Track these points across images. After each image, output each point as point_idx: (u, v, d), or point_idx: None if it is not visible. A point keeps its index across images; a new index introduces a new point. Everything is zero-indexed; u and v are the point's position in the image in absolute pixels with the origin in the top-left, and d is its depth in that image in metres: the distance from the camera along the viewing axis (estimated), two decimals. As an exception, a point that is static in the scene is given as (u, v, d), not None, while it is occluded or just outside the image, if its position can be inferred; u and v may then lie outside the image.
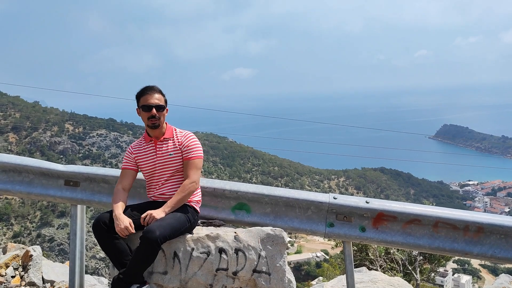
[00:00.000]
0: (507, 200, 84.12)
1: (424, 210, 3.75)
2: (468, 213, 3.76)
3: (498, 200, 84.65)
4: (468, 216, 3.71)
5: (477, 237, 3.70)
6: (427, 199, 69.52)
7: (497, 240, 3.69)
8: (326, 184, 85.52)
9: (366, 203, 3.76)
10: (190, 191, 3.33)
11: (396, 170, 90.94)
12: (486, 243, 3.70)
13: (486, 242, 3.70)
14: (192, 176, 3.37)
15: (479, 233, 3.69)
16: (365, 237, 3.78)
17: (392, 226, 3.77)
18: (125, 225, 3.06)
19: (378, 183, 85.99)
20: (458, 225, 3.69)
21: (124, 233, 3.06)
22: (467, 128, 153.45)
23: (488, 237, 3.70)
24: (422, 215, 3.72)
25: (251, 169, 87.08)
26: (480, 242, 3.70)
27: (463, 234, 3.71)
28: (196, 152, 3.45)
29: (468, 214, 3.74)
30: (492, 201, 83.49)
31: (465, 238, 3.71)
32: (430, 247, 3.76)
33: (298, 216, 3.86)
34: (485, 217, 3.72)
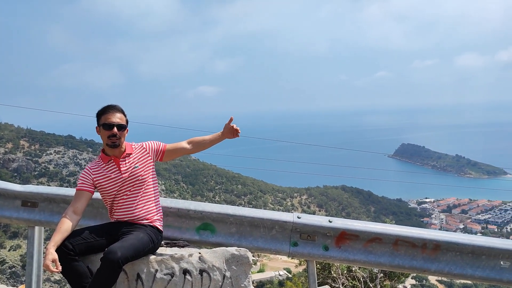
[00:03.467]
0: (461, 217, 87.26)
1: (384, 228, 3.86)
2: (425, 231, 3.89)
3: (453, 217, 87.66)
4: (426, 234, 3.84)
5: (434, 254, 3.82)
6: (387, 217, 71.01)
7: (453, 257, 3.83)
8: (289, 202, 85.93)
9: (329, 222, 3.83)
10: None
11: (357, 188, 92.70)
12: (443, 260, 3.83)
13: (443, 259, 3.83)
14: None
15: (436, 251, 3.82)
16: (328, 256, 3.84)
17: (354, 244, 3.85)
18: (45, 263, 2.86)
19: (340, 201, 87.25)
20: (416, 243, 3.81)
21: (47, 269, 2.88)
22: (424, 147, 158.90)
23: (445, 254, 3.83)
24: (383, 234, 3.82)
25: (214, 187, 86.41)
26: (437, 259, 3.83)
27: (421, 252, 3.82)
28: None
29: (426, 232, 3.88)
30: (448, 218, 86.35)
31: (423, 255, 3.83)
32: (391, 265, 3.86)
33: (262, 236, 3.87)
34: (442, 234, 3.86)
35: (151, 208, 3.40)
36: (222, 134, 3.66)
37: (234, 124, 3.63)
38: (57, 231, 3.05)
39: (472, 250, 3.79)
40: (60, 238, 3.02)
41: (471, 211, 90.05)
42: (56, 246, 2.98)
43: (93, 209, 3.98)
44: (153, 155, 3.52)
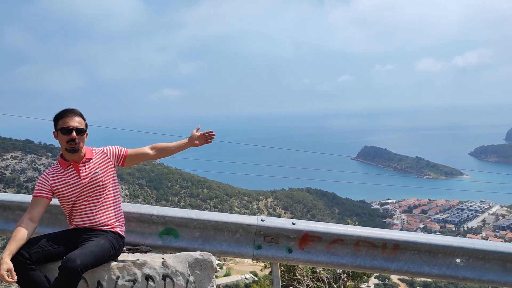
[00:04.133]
0: (421, 217, 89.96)
1: (346, 230, 3.94)
2: (385, 232, 4.00)
3: (414, 217, 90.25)
4: (386, 234, 3.95)
5: (394, 253, 3.94)
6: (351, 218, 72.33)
7: (412, 256, 3.96)
8: (255, 205, 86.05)
9: (292, 225, 3.88)
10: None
11: (322, 190, 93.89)
12: (402, 259, 3.95)
13: (402, 258, 3.95)
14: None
15: (395, 250, 3.93)
16: (292, 258, 3.89)
17: (317, 246, 3.91)
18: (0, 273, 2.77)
19: (305, 203, 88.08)
20: (377, 243, 3.91)
21: (2, 279, 2.79)
22: (386, 150, 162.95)
23: (404, 254, 3.95)
24: (345, 235, 3.90)
25: (179, 191, 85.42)
26: (397, 259, 3.94)
27: (382, 252, 3.93)
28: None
29: (386, 232, 3.99)
30: (409, 218, 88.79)
31: (383, 255, 3.93)
32: (352, 265, 3.95)
33: (227, 240, 3.88)
34: (401, 234, 3.98)
35: (112, 214, 3.34)
36: (188, 141, 3.64)
37: (208, 130, 3.64)
38: (12, 240, 2.94)
39: (429, 249, 3.92)
40: (16, 246, 2.92)
41: (430, 211, 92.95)
42: (11, 255, 2.87)
43: (51, 216, 3.87)
44: (114, 160, 3.46)
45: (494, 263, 3.99)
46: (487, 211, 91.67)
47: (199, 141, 3.62)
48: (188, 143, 3.62)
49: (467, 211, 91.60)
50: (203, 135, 3.62)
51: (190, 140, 3.63)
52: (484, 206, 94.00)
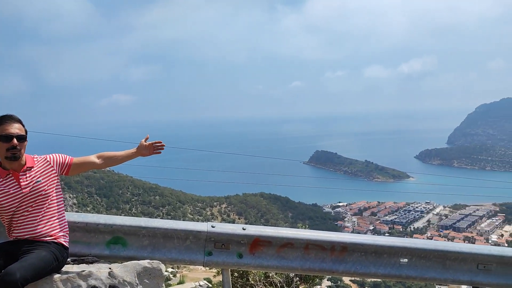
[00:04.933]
0: (371, 219, 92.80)
1: (296, 233, 4.01)
2: (334, 234, 4.11)
3: (364, 219, 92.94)
4: (334, 237, 4.05)
5: (342, 255, 4.04)
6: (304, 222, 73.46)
7: (359, 257, 4.08)
8: (209, 212, 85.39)
9: (243, 230, 3.90)
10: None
11: (275, 194, 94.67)
12: (350, 260, 4.06)
13: (350, 259, 4.06)
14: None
15: (343, 252, 4.04)
16: (243, 263, 3.90)
17: (268, 250, 3.95)
18: None
19: (259, 208, 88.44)
20: (325, 246, 4.01)
21: None
22: (336, 154, 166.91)
23: (351, 255, 4.07)
24: (294, 239, 3.96)
25: (131, 199, 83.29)
26: (345, 260, 4.05)
27: (330, 254, 4.03)
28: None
29: (334, 235, 4.10)
30: (359, 220, 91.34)
31: (332, 257, 4.03)
32: (302, 268, 4.02)
33: (176, 247, 3.83)
34: (348, 237, 4.10)
35: (55, 224, 3.22)
36: (136, 151, 3.58)
37: (157, 140, 3.59)
38: None
39: (375, 249, 4.06)
40: None
41: (379, 213, 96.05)
42: None
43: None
44: (57, 169, 3.33)
45: (434, 261, 4.19)
46: (431, 211, 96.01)
47: (147, 151, 3.56)
48: (136, 153, 3.56)
49: (413, 212, 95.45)
50: (151, 145, 3.56)
51: (138, 150, 3.57)
52: (429, 207, 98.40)
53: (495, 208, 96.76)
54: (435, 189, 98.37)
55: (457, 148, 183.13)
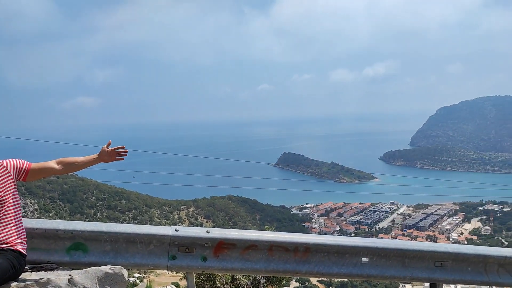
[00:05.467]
0: (337, 219, 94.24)
1: (259, 236, 4.05)
2: (297, 236, 4.17)
3: (331, 220, 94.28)
4: (297, 238, 4.11)
5: (305, 256, 4.11)
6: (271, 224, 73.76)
7: (321, 258, 4.16)
8: (176, 215, 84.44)
9: (207, 233, 3.90)
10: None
11: (243, 197, 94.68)
12: (313, 261, 4.13)
13: (313, 260, 4.13)
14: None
15: (306, 253, 4.11)
16: (207, 266, 3.90)
17: (232, 253, 3.96)
18: None
19: (227, 211, 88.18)
20: (289, 247, 4.06)
21: None
22: (303, 156, 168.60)
23: (314, 256, 4.14)
24: (258, 241, 4.00)
25: (96, 204, 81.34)
26: (308, 261, 4.12)
27: (294, 255, 4.08)
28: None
29: (297, 236, 4.16)
30: (326, 221, 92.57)
31: (295, 258, 4.09)
32: (266, 270, 4.06)
33: (140, 252, 3.80)
34: (311, 238, 4.17)
35: (13, 231, 3.12)
36: (98, 157, 3.51)
37: (120, 146, 3.54)
38: None
39: (337, 250, 4.15)
40: None
41: (346, 213, 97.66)
42: None
43: None
44: (14, 175, 3.24)
45: (394, 259, 4.32)
46: (395, 211, 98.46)
47: (109, 157, 3.50)
48: (98, 159, 3.50)
49: (378, 213, 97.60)
50: (114, 150, 3.51)
51: (99, 156, 3.50)
52: (393, 207, 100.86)
53: (455, 207, 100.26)
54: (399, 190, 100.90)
55: (420, 150, 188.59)
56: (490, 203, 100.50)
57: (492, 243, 72.44)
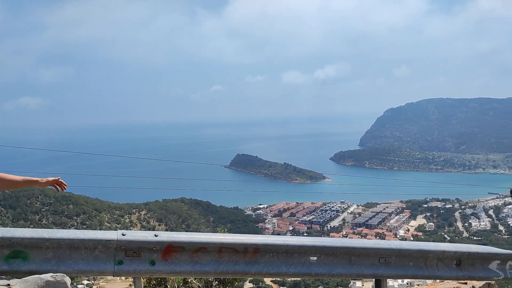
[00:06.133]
0: (290, 219, 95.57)
1: (209, 238, 4.03)
2: (246, 237, 4.19)
3: (284, 220, 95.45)
4: (246, 239, 4.13)
5: (254, 257, 4.13)
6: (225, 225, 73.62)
7: (271, 258, 4.20)
8: (127, 219, 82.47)
9: (155, 237, 3.83)
10: None
11: (196, 199, 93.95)
12: (262, 261, 4.17)
13: (262, 261, 4.17)
14: None
15: (256, 254, 4.13)
16: (155, 270, 3.84)
17: (181, 256, 3.92)
18: None
19: (180, 214, 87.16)
20: (238, 249, 4.07)
21: None
22: (257, 157, 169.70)
23: (264, 256, 4.17)
24: (208, 243, 3.98)
25: (41, 209, 77.91)
26: (257, 262, 4.14)
27: (243, 256, 4.10)
28: None
29: (246, 237, 4.18)
30: (279, 222, 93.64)
31: (245, 259, 4.10)
32: (216, 272, 4.04)
33: (84, 258, 3.67)
34: (260, 238, 4.20)
35: None
36: (37, 180, 3.45)
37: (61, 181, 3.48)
38: None
39: (286, 249, 4.21)
40: None
41: (298, 213, 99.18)
42: None
43: None
44: None
45: (341, 257, 4.44)
46: (346, 210, 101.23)
47: (46, 184, 3.48)
48: (37, 183, 3.44)
49: (329, 212, 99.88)
50: (55, 180, 3.49)
51: (38, 181, 3.45)
52: (344, 206, 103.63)
53: (402, 205, 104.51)
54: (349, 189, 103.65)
55: (368, 150, 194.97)
56: (433, 201, 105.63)
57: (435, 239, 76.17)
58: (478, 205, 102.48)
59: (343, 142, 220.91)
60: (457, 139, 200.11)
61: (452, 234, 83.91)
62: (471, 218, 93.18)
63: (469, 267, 4.93)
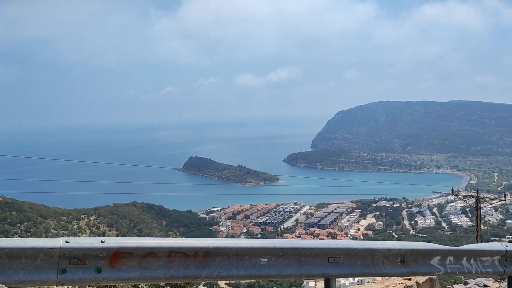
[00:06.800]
0: (244, 221, 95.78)
1: (158, 242, 3.95)
2: (196, 240, 4.14)
3: (238, 222, 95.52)
4: (197, 243, 4.09)
5: (205, 261, 4.09)
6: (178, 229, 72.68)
7: (221, 261, 4.17)
8: (76, 225, 79.46)
9: (101, 243, 3.71)
10: None
11: (148, 203, 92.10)
12: (213, 265, 4.13)
13: (213, 264, 4.13)
14: None
15: (206, 257, 4.10)
16: (101, 278, 3.71)
17: (129, 262, 3.81)
18: None
19: (131, 218, 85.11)
20: (188, 253, 4.02)
21: None
22: (210, 160, 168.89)
23: (214, 260, 4.14)
24: (157, 248, 3.90)
25: (-20, 217, 73.52)
26: (208, 265, 4.11)
27: (194, 260, 4.05)
28: None
29: (196, 241, 4.13)
30: (233, 224, 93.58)
31: (195, 263, 4.05)
32: (165, 277, 3.97)
33: (25, 267, 3.49)
34: (210, 242, 4.17)
35: None
36: None
37: None
38: None
39: (237, 252, 4.20)
40: None
41: (252, 215, 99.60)
42: None
43: None
44: None
45: (291, 258, 4.49)
46: (299, 211, 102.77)
47: None
48: None
49: (283, 213, 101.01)
50: None
51: None
52: (297, 207, 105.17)
53: (352, 205, 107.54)
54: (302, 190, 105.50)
55: (320, 151, 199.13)
56: (382, 200, 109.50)
57: (384, 237, 79.00)
58: (423, 204, 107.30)
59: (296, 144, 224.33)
60: (404, 140, 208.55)
61: (400, 232, 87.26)
62: (417, 216, 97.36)
63: (412, 263, 5.13)
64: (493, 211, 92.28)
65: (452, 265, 5.39)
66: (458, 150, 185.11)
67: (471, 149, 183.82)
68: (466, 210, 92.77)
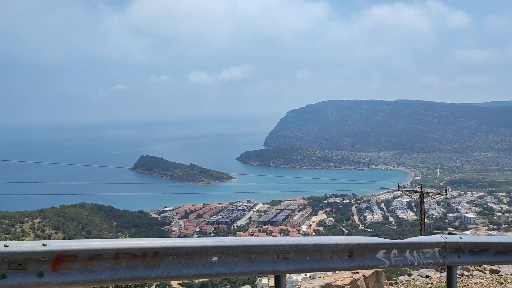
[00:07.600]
0: (197, 221, 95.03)
1: (104, 244, 3.83)
2: (144, 241, 4.06)
3: (191, 221, 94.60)
4: (145, 243, 4.00)
5: (154, 261, 4.02)
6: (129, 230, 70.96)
7: (171, 261, 4.12)
8: (19, 228, 75.66)
9: (43, 246, 3.56)
10: None
11: (98, 204, 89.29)
12: (162, 265, 4.07)
13: (162, 264, 4.07)
14: None
15: (155, 258, 4.03)
16: (44, 282, 3.56)
17: (73, 265, 3.68)
18: None
19: (79, 220, 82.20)
20: (136, 253, 3.93)
21: None
22: (162, 159, 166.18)
23: (164, 260, 4.08)
24: (103, 249, 3.79)
25: None
26: (157, 266, 4.04)
27: (142, 261, 3.97)
28: None
29: (145, 241, 4.05)
30: (186, 223, 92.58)
31: (144, 264, 3.98)
32: (112, 280, 3.86)
33: (-41, 275, 3.30)
34: (159, 242, 4.10)
35: None
36: None
37: None
38: None
39: (187, 251, 4.16)
40: None
41: (205, 214, 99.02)
42: None
43: None
44: None
45: (242, 256, 4.51)
46: (252, 209, 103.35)
47: None
48: None
49: (236, 211, 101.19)
50: None
51: None
52: (250, 205, 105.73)
53: (304, 202, 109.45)
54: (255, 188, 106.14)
55: (273, 149, 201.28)
56: (333, 196, 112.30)
57: (335, 232, 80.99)
58: (372, 199, 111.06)
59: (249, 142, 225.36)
60: (353, 138, 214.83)
61: (350, 227, 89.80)
62: (366, 211, 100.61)
63: (359, 257, 5.30)
64: (436, 205, 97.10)
65: (396, 257, 5.60)
66: (404, 147, 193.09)
67: (415, 146, 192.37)
68: (411, 204, 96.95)
